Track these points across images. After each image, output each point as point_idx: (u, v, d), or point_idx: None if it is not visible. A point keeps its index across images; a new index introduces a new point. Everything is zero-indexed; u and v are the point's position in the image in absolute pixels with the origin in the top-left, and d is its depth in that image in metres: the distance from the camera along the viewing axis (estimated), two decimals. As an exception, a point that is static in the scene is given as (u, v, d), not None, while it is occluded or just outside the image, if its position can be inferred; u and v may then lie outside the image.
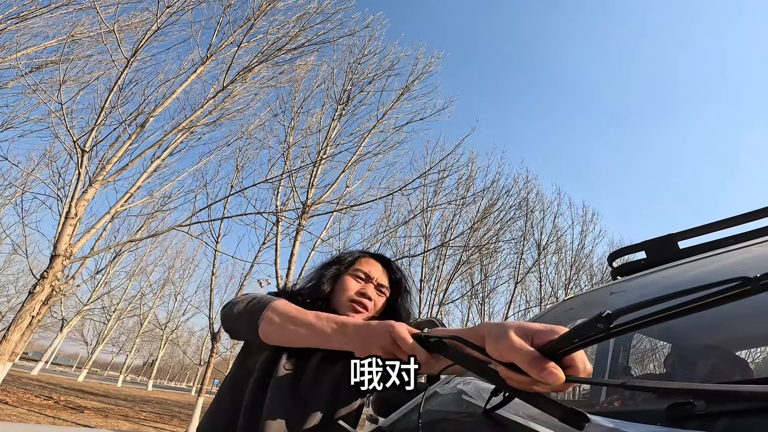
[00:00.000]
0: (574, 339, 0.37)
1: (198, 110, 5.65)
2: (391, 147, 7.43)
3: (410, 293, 1.07)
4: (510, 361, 0.40)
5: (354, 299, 0.95)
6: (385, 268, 1.04)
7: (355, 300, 0.95)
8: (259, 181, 6.12)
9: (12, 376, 13.01)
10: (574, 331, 0.37)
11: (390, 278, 1.04)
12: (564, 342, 0.38)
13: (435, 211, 9.00)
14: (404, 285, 1.05)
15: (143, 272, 18.03)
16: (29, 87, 5.50)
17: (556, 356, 0.38)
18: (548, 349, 0.39)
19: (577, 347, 0.37)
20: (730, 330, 1.00)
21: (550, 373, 0.37)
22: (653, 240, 1.13)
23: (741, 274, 0.31)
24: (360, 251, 1.08)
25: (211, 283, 8.18)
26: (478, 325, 0.55)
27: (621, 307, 0.34)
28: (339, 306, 0.96)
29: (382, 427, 0.92)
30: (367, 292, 0.97)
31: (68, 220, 4.38)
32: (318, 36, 6.25)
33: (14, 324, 3.97)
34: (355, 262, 1.02)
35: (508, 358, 0.40)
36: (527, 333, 0.41)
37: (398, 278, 1.05)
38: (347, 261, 1.02)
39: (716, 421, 0.37)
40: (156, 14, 5.20)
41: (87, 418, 6.98)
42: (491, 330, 0.45)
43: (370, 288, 0.99)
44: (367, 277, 1.00)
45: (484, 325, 0.50)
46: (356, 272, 1.00)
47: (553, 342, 0.39)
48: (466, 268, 9.38)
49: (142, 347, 31.86)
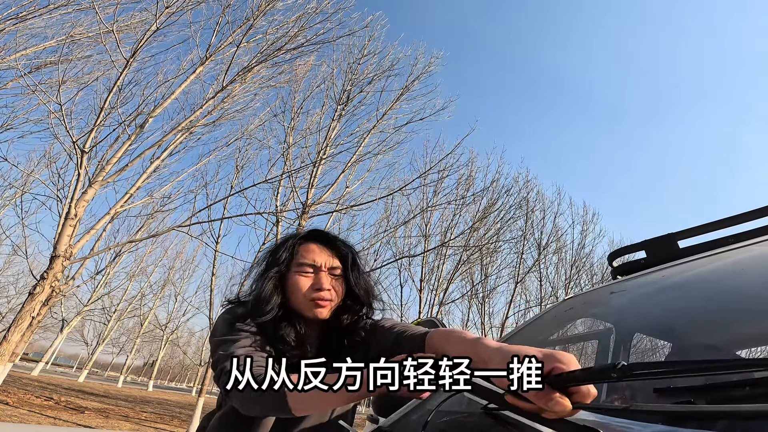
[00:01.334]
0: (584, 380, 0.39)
1: (197, 110, 5.65)
2: (391, 147, 7.44)
3: (361, 265, 0.97)
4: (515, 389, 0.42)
5: (312, 297, 0.87)
6: (327, 246, 0.94)
7: (313, 297, 0.87)
8: (259, 182, 6.13)
9: (12, 376, 13.01)
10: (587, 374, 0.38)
11: (337, 255, 0.94)
12: (574, 380, 0.39)
13: (435, 211, 9.01)
14: (352, 258, 0.95)
15: (143, 273, 18.06)
16: (29, 88, 5.50)
17: (563, 387, 0.40)
18: (555, 381, 0.40)
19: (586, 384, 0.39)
20: (730, 330, 1.00)
21: (558, 403, 0.38)
22: (653, 239, 1.13)
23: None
24: (293, 237, 0.96)
25: (212, 283, 8.19)
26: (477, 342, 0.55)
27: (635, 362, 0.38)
28: (299, 309, 0.88)
29: (382, 427, 0.92)
30: (322, 284, 0.88)
31: (68, 220, 4.37)
32: (317, 36, 6.25)
33: (14, 325, 3.97)
34: (295, 255, 0.91)
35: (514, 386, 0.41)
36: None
37: (344, 253, 0.94)
38: (284, 258, 0.91)
39: (716, 421, 0.37)
40: (155, 14, 5.19)
41: (87, 419, 6.98)
42: (493, 356, 0.46)
43: (322, 277, 0.89)
44: (314, 267, 0.90)
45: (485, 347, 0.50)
46: (300, 267, 0.89)
47: (562, 375, 0.41)
48: (466, 268, 9.38)
49: (143, 348, 31.87)
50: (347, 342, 0.91)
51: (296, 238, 0.96)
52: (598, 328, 1.47)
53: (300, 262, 0.90)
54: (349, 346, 0.90)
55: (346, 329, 0.92)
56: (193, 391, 35.99)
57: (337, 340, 0.91)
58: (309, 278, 0.89)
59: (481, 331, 9.38)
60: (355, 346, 0.90)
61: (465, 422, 0.72)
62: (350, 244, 0.98)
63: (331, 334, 0.92)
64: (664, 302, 1.01)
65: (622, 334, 1.29)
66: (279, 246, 0.95)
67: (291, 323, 0.86)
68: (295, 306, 0.89)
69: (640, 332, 1.30)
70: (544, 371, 0.42)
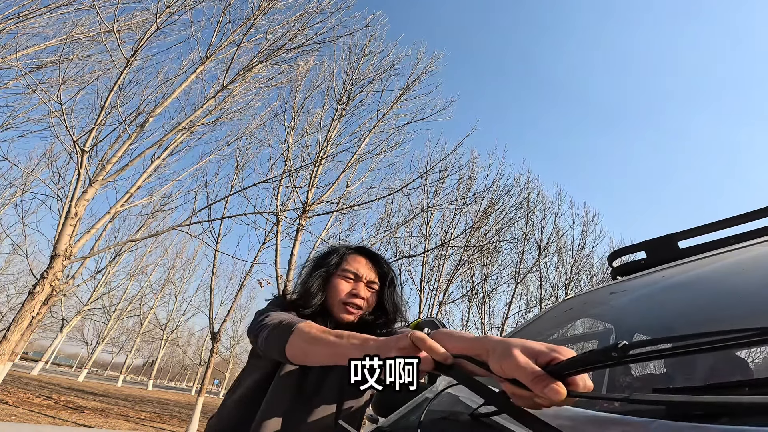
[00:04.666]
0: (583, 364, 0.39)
1: (198, 110, 5.65)
2: (392, 147, 7.42)
3: (397, 286, 1.08)
4: (514, 377, 0.42)
5: (346, 301, 0.97)
6: (372, 262, 1.05)
7: (348, 302, 0.97)
8: (259, 181, 6.11)
9: (12, 376, 13.02)
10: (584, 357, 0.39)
11: (378, 272, 1.05)
12: (572, 365, 0.40)
13: (435, 211, 9.00)
14: (391, 277, 1.06)
15: (143, 272, 18.05)
16: (29, 87, 5.50)
17: (560, 376, 0.40)
18: (553, 369, 0.40)
19: (584, 371, 0.39)
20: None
21: (553, 389, 0.38)
22: (653, 240, 1.13)
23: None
24: (345, 248, 1.08)
25: (211, 283, 8.19)
26: (481, 338, 0.56)
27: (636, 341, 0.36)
28: (333, 308, 0.98)
29: (382, 427, 0.92)
30: (359, 292, 0.99)
31: (68, 220, 4.38)
32: (318, 35, 6.24)
33: (14, 324, 3.97)
34: (342, 262, 1.03)
35: (512, 375, 0.42)
36: (531, 353, 0.43)
37: (385, 271, 1.06)
38: (334, 262, 1.02)
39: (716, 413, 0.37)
40: (156, 14, 5.19)
41: (87, 418, 6.98)
42: (495, 347, 0.47)
43: (360, 287, 1.00)
44: (356, 276, 1.01)
45: (488, 340, 0.51)
46: (345, 273, 1.00)
47: (561, 363, 0.41)
48: (467, 268, 9.38)
49: (142, 347, 31.86)
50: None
51: (348, 248, 1.08)
52: (597, 328, 1.47)
53: (345, 268, 1.01)
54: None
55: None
56: (192, 390, 36.01)
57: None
58: (349, 284, 1.00)
59: (481, 331, 9.38)
60: None
61: (461, 424, 0.72)
62: (393, 266, 1.09)
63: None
64: (664, 303, 1.01)
65: (622, 334, 1.29)
66: (331, 252, 1.06)
67: (323, 319, 0.96)
68: (330, 305, 0.99)
69: (640, 333, 1.30)
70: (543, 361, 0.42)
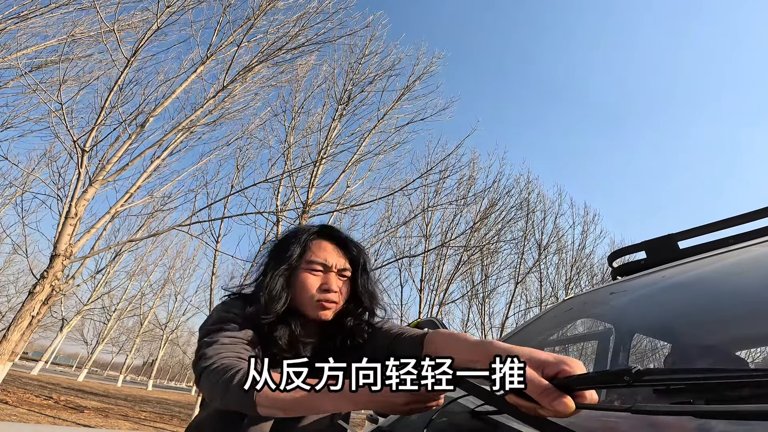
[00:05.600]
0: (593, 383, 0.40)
1: (198, 110, 5.65)
2: (392, 147, 7.45)
3: (370, 270, 0.95)
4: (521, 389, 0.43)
5: (319, 298, 0.84)
6: (339, 246, 0.91)
7: (321, 298, 0.84)
8: (259, 181, 6.13)
9: (12, 375, 13.02)
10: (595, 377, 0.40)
11: (348, 257, 0.91)
12: (582, 382, 0.41)
13: (436, 211, 9.01)
14: (363, 262, 0.93)
15: (143, 272, 18.04)
16: (29, 87, 5.50)
17: (569, 390, 0.41)
18: (562, 383, 0.41)
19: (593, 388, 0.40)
20: (730, 330, 1.00)
21: (562, 403, 0.39)
22: (653, 240, 1.13)
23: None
24: (306, 232, 0.91)
25: (212, 283, 8.18)
26: (485, 342, 0.55)
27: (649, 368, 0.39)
28: (303, 308, 0.86)
29: (382, 427, 0.92)
30: (330, 285, 0.85)
31: (68, 219, 4.38)
32: (318, 36, 6.25)
33: (14, 324, 3.97)
34: (305, 252, 0.88)
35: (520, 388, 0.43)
36: (538, 364, 0.44)
37: (355, 255, 0.92)
38: (296, 254, 0.86)
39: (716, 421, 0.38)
40: (156, 14, 5.20)
41: (87, 418, 6.99)
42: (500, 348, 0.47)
43: (331, 278, 0.86)
44: (325, 266, 0.87)
45: (492, 347, 0.50)
46: (311, 265, 0.86)
47: (571, 378, 0.42)
48: (467, 268, 9.38)
49: (142, 347, 31.87)
50: (348, 344, 0.88)
51: (309, 233, 0.91)
52: (598, 328, 1.47)
53: (311, 259, 0.86)
54: (348, 350, 0.87)
55: (346, 332, 0.88)
56: (192, 390, 35.99)
57: (338, 342, 0.88)
58: (318, 277, 0.86)
59: (481, 331, 9.38)
60: (353, 350, 0.87)
61: (461, 423, 0.72)
62: (362, 246, 0.95)
63: (333, 336, 0.88)
64: (664, 303, 1.01)
65: (622, 334, 1.29)
66: (289, 239, 0.90)
67: (287, 324, 0.83)
68: (299, 305, 0.86)
69: (640, 333, 1.30)
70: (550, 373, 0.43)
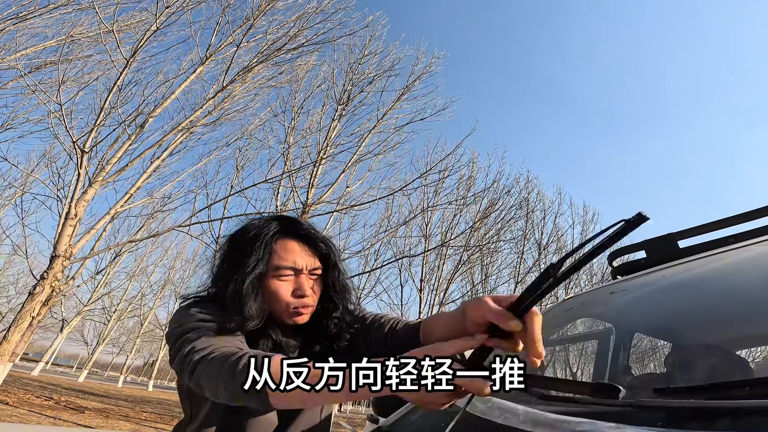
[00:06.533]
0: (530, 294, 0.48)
1: (198, 110, 5.65)
2: (392, 147, 7.45)
3: (340, 263, 0.88)
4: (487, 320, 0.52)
5: (295, 305, 0.78)
6: (306, 243, 0.83)
7: (296, 305, 0.78)
8: (259, 181, 6.13)
9: (12, 376, 13.02)
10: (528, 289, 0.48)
11: (317, 254, 0.83)
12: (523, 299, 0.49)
13: (435, 211, 9.02)
14: (333, 257, 0.85)
15: (143, 273, 18.08)
16: (29, 87, 5.50)
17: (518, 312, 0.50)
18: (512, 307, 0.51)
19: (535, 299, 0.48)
20: (730, 330, 1.00)
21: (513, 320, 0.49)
22: (653, 239, 1.13)
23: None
24: (267, 231, 0.81)
25: (212, 283, 8.16)
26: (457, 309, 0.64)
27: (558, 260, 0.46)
28: (278, 315, 0.80)
29: (382, 427, 0.93)
30: (303, 290, 0.79)
31: (68, 220, 4.38)
32: (318, 36, 6.26)
33: (14, 325, 3.97)
34: (272, 256, 0.79)
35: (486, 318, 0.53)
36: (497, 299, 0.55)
37: (324, 252, 0.84)
38: (262, 259, 0.77)
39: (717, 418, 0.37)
40: (155, 14, 5.20)
41: (87, 419, 6.98)
42: (471, 301, 0.58)
43: (302, 281, 0.79)
44: (295, 270, 0.79)
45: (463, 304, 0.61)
46: (279, 272, 0.78)
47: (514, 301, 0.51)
48: (467, 268, 9.39)
49: (143, 348, 31.82)
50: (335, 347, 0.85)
51: (271, 233, 0.81)
52: (598, 328, 1.47)
53: (279, 264, 0.78)
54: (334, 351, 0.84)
55: (329, 334, 0.85)
56: (193, 391, 35.94)
57: (322, 344, 0.85)
58: (289, 282, 0.79)
59: (481, 331, 9.37)
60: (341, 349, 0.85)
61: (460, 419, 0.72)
62: (330, 240, 0.88)
63: (315, 339, 0.85)
64: (664, 302, 1.01)
65: (622, 333, 1.29)
66: (251, 241, 0.79)
67: (267, 335, 0.79)
68: (273, 313, 0.80)
69: (640, 332, 1.30)
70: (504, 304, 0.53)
